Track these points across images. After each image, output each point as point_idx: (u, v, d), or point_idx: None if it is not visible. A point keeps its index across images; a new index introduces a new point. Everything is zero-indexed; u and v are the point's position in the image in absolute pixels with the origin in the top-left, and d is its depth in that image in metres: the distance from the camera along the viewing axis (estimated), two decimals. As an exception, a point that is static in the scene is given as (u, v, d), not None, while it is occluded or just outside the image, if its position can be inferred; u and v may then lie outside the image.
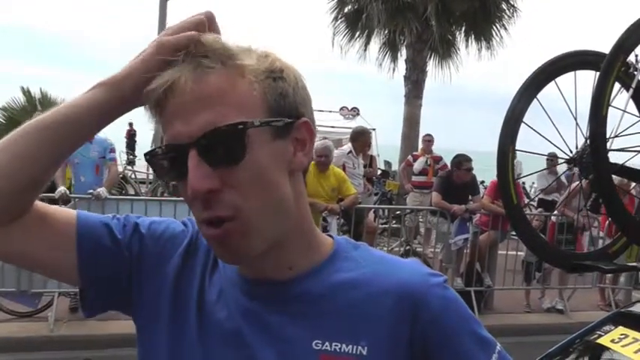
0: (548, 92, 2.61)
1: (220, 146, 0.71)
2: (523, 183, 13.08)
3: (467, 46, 14.40)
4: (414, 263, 0.86)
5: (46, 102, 8.95)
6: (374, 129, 13.03)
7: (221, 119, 0.71)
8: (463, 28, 14.28)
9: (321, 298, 0.80)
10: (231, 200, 0.72)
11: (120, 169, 7.30)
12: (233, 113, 0.71)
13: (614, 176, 2.33)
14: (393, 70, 14.83)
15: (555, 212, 6.86)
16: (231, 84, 0.72)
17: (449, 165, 8.26)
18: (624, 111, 2.35)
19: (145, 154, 0.79)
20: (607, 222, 6.71)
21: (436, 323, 0.78)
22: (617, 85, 2.34)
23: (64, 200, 5.40)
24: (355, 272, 0.82)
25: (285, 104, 0.76)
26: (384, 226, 8.42)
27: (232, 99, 0.72)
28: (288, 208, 0.77)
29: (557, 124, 2.62)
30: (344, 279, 0.82)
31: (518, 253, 7.05)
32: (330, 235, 0.88)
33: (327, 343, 0.78)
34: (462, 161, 6.90)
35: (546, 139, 2.57)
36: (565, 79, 2.61)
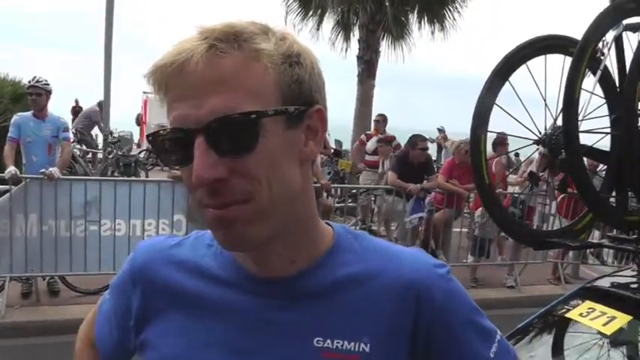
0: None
1: (230, 135, 0.68)
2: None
3: (420, 28, 14.57)
4: (418, 253, 0.85)
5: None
6: (325, 108, 12.96)
7: (233, 106, 0.67)
8: (416, 10, 14.41)
9: (323, 294, 0.79)
10: (241, 188, 0.70)
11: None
12: (245, 100, 0.68)
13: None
14: (346, 49, 14.88)
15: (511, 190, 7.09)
16: (244, 68, 0.69)
17: (402, 145, 8.40)
18: (592, 93, 2.44)
19: (147, 136, 0.76)
20: (559, 200, 6.99)
21: (439, 316, 0.78)
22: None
23: (15, 181, 5.18)
24: (357, 266, 0.81)
25: (299, 91, 0.73)
26: (339, 205, 8.50)
27: (245, 84, 0.69)
28: (297, 199, 0.76)
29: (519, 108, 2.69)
30: (346, 274, 0.80)
31: (472, 229, 7.26)
32: (330, 224, 0.87)
33: (328, 341, 0.77)
34: (417, 141, 7.05)
35: (517, 120, 2.63)
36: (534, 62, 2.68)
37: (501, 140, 6.66)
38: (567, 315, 2.11)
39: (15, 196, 5.24)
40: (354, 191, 8.30)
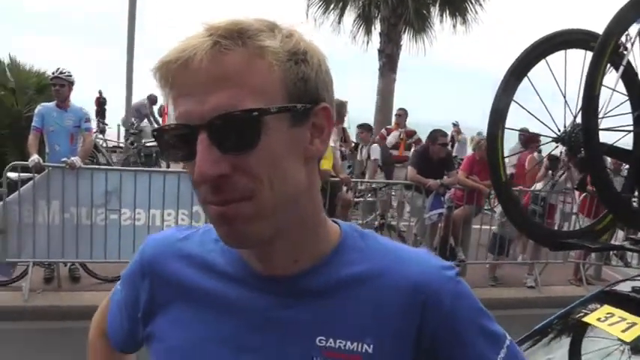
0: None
1: (233, 132, 0.67)
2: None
3: (442, 21, 14.46)
4: (425, 255, 0.84)
5: (15, 68, 8.67)
6: (346, 101, 13.03)
7: (235, 103, 0.67)
8: (438, 3, 14.29)
9: (327, 293, 0.79)
10: (243, 185, 0.69)
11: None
12: (249, 97, 0.68)
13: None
14: (367, 43, 14.83)
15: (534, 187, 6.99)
16: (248, 66, 0.68)
17: (422, 139, 8.34)
18: (614, 90, 2.38)
19: (153, 131, 0.76)
20: (580, 199, 6.88)
21: (446, 319, 0.77)
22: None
23: (38, 169, 5.28)
24: (363, 265, 0.80)
25: (305, 89, 0.72)
26: (358, 199, 8.47)
27: (249, 82, 0.68)
28: (300, 197, 0.75)
29: (538, 104, 2.65)
30: (351, 273, 0.79)
31: (492, 227, 7.18)
32: (336, 222, 0.86)
33: (331, 340, 0.77)
34: (437, 136, 6.97)
35: (535, 117, 2.59)
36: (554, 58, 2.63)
37: (533, 137, 6.56)
38: (585, 319, 2.04)
39: (38, 183, 5.35)
40: (373, 186, 8.27)
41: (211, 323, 0.81)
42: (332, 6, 14.41)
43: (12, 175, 5.35)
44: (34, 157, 5.27)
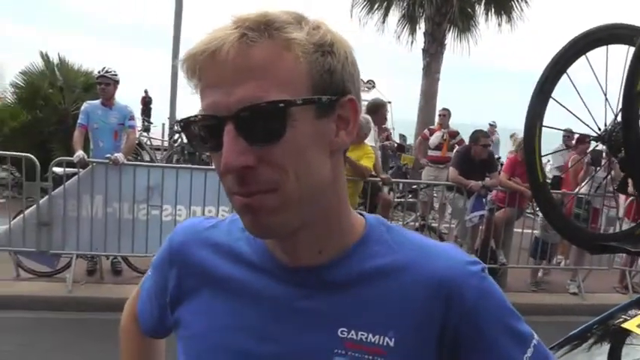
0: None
1: (259, 123, 0.68)
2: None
3: (487, 20, 14.21)
4: (451, 249, 0.83)
5: (64, 68, 9.00)
6: (389, 102, 13.01)
7: (262, 94, 0.68)
8: (483, 2, 14.06)
9: (350, 285, 0.78)
10: (268, 177, 0.70)
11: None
12: (275, 89, 0.68)
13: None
14: (412, 43, 14.70)
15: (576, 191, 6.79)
16: (275, 58, 0.69)
17: (465, 140, 8.20)
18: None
19: (179, 121, 0.77)
20: (627, 203, 6.63)
21: (469, 316, 0.76)
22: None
23: (82, 164, 5.46)
24: (387, 258, 0.80)
25: (331, 81, 0.72)
26: (399, 200, 8.41)
27: (275, 74, 0.69)
28: (326, 189, 0.75)
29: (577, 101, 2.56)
30: (375, 266, 0.79)
31: (534, 231, 7.00)
32: (362, 214, 0.86)
33: (352, 332, 0.76)
34: (479, 137, 6.85)
35: (575, 115, 2.51)
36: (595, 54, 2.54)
37: (583, 138, 6.36)
38: (624, 325, 1.98)
39: (82, 178, 5.53)
40: (414, 186, 8.19)
41: (236, 312, 0.82)
42: (376, 6, 14.35)
43: (57, 169, 5.57)
44: (79, 153, 5.45)
